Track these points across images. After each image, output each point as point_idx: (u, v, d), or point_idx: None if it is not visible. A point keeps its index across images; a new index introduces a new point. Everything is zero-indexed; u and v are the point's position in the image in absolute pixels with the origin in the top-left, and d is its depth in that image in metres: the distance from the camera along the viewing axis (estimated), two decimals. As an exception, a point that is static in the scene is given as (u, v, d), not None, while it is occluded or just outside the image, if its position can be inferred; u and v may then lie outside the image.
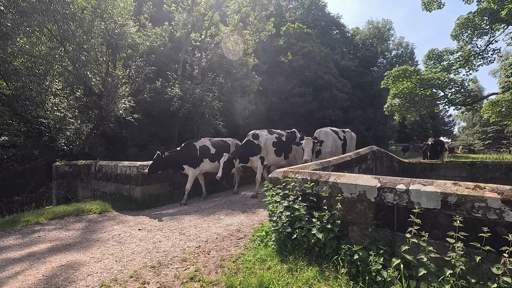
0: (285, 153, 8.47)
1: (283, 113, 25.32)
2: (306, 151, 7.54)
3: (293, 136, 8.84)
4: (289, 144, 8.61)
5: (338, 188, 3.63)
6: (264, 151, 8.05)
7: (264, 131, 8.39)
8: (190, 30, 16.25)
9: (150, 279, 3.37)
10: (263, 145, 8.02)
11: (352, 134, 9.92)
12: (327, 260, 3.40)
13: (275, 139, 8.30)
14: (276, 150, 8.20)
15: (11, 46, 9.59)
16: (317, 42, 31.90)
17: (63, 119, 11.08)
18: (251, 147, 7.99)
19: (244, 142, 8.16)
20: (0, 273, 3.66)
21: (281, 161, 8.43)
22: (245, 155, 7.99)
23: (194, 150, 7.99)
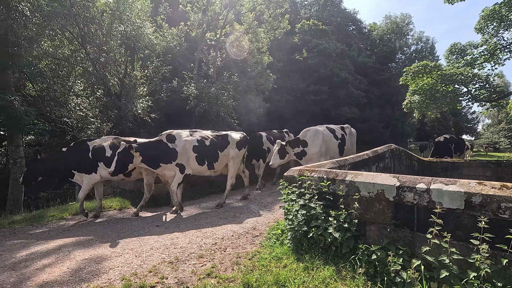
0: (208, 162, 6.79)
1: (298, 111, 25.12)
2: (273, 154, 7.34)
3: (222, 141, 7.08)
4: (214, 150, 6.86)
5: (355, 187, 3.57)
6: (182, 157, 6.42)
7: (185, 131, 6.78)
8: (205, 29, 16.41)
9: (168, 274, 3.45)
10: (180, 149, 6.41)
11: (352, 130, 9.22)
12: (344, 259, 3.36)
13: (197, 142, 6.65)
14: (197, 157, 6.59)
15: (36, 49, 10.04)
16: (333, 38, 31.38)
17: (85, 119, 11.49)
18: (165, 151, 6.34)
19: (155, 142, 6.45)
20: (30, 265, 3.86)
21: (205, 171, 6.87)
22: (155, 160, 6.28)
23: (85, 151, 6.40)
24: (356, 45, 36.80)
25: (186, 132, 6.74)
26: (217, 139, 7.04)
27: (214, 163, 6.89)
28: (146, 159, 6.14)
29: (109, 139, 6.78)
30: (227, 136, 7.24)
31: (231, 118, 15.00)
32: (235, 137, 7.34)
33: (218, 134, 7.20)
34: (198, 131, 6.98)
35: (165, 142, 6.37)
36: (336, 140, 8.05)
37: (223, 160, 7.07)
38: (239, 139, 7.38)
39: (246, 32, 17.78)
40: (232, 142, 7.17)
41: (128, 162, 5.92)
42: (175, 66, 15.93)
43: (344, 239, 3.39)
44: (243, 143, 7.42)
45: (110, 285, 3.20)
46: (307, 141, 7.53)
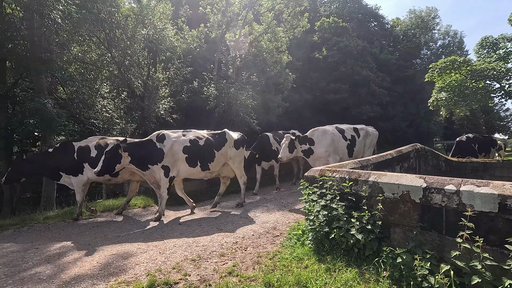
0: (202, 163, 6.42)
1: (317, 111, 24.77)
2: (282, 147, 7.26)
3: (219, 140, 6.71)
4: (209, 149, 6.49)
5: (378, 187, 3.48)
6: (169, 159, 6.07)
7: (178, 131, 6.52)
8: (224, 30, 16.57)
9: (191, 271, 3.53)
10: (167, 150, 6.05)
11: (369, 130, 8.81)
12: (367, 262, 3.29)
13: (189, 142, 6.29)
14: (188, 158, 6.23)
15: (66, 55, 10.60)
16: (354, 35, 30.64)
17: (111, 120, 11.98)
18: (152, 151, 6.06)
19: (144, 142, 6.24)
20: (63, 258, 4.10)
21: (198, 173, 6.52)
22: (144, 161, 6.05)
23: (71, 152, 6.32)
24: (378, 42, 35.73)
25: (178, 132, 6.42)
26: (213, 138, 6.64)
27: (209, 164, 6.47)
28: (135, 159, 5.86)
29: (95, 139, 6.66)
30: (225, 134, 6.83)
31: (250, 118, 15.07)
32: (233, 135, 6.97)
33: (214, 133, 6.82)
34: (193, 131, 6.61)
35: (154, 142, 6.06)
36: (345, 141, 7.91)
37: (220, 160, 6.63)
38: (237, 137, 7.01)
39: (265, 32, 17.77)
40: (229, 141, 6.79)
41: (116, 162, 5.63)
42: (196, 67, 16.23)
43: (367, 241, 3.32)
44: (241, 142, 7.04)
45: (137, 280, 3.32)
46: (314, 140, 7.52)
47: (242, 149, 7.06)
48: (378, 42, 35.63)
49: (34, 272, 3.65)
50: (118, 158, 5.65)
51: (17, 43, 9.13)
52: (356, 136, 8.27)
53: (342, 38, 28.35)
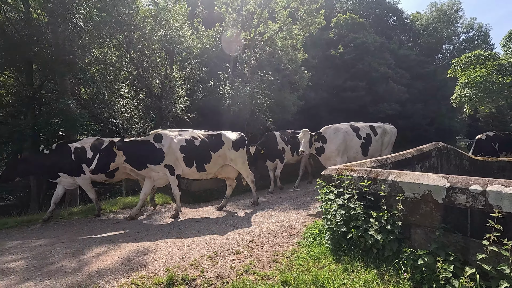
0: (198, 164, 6.34)
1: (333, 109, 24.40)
2: (302, 142, 7.11)
3: (216, 141, 6.58)
4: (205, 150, 6.40)
5: (398, 187, 3.39)
6: (170, 157, 6.11)
7: (174, 131, 6.50)
8: (240, 29, 16.63)
9: (208, 268, 3.58)
10: (167, 149, 6.08)
11: (387, 128, 8.44)
12: (386, 263, 3.22)
13: (185, 142, 6.26)
14: (185, 157, 6.23)
15: (88, 57, 10.97)
16: (371, 31, 29.91)
17: (130, 119, 12.31)
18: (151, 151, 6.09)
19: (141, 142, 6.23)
20: (86, 253, 4.27)
21: (194, 173, 6.48)
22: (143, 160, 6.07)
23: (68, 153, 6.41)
24: (397, 37, 34.72)
25: (174, 131, 6.40)
26: (209, 139, 6.50)
27: (205, 165, 6.37)
28: (130, 158, 5.88)
29: (91, 140, 6.75)
30: (221, 136, 6.64)
31: (266, 116, 15.05)
32: (230, 136, 6.75)
33: (210, 134, 6.68)
34: (189, 131, 6.55)
35: (151, 142, 6.06)
36: (359, 140, 7.65)
37: (217, 162, 6.51)
38: (235, 138, 6.80)
39: (280, 30, 17.67)
40: (227, 142, 6.62)
41: (110, 160, 5.69)
42: (211, 67, 16.39)
43: (386, 242, 3.24)
44: (240, 142, 6.84)
45: (156, 275, 3.41)
46: (326, 138, 7.37)
47: (243, 149, 6.89)
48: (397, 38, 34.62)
49: (60, 265, 3.83)
50: (112, 157, 5.72)
51: (42, 46, 9.53)
52: (373, 134, 7.96)
53: (359, 34, 27.75)
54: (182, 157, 6.15)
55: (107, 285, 3.22)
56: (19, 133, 8.56)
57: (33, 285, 3.31)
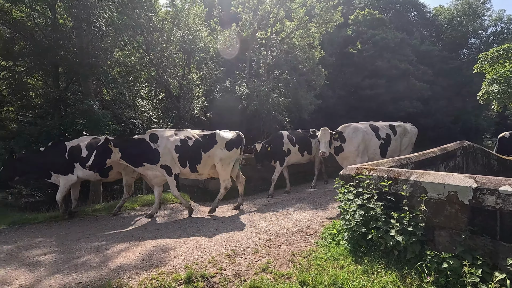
0: (190, 164, 6.28)
1: (351, 107, 23.94)
2: (323, 143, 6.71)
3: (209, 141, 6.44)
4: (196, 151, 6.30)
5: (421, 187, 3.28)
6: (166, 157, 6.10)
7: (170, 131, 6.44)
8: (256, 29, 16.65)
9: (226, 266, 3.62)
10: (162, 149, 6.06)
11: (408, 128, 8.08)
12: (408, 265, 3.12)
13: (180, 142, 6.21)
14: (179, 158, 6.19)
15: (110, 59, 11.38)
16: (391, 27, 29.03)
17: (149, 119, 12.65)
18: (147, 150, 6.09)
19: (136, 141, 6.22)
20: (109, 248, 4.43)
21: (188, 174, 6.46)
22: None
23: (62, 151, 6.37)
24: (418, 33, 33.52)
25: (170, 131, 6.39)
26: (203, 139, 6.42)
27: (196, 166, 6.30)
28: (126, 156, 5.94)
29: (87, 139, 6.69)
30: (215, 135, 6.51)
31: (282, 116, 15.01)
32: (225, 136, 6.57)
33: (205, 134, 6.57)
34: (185, 131, 6.51)
35: (147, 142, 6.07)
36: (378, 140, 7.31)
37: (207, 162, 6.40)
38: (230, 138, 6.59)
39: (297, 28, 17.54)
40: (220, 142, 6.45)
41: (106, 157, 5.75)
42: (228, 67, 16.53)
43: (408, 244, 3.14)
44: (235, 142, 6.60)
45: (175, 272, 3.48)
46: (345, 137, 7.07)
47: (237, 149, 6.64)
48: (418, 33, 33.42)
49: (85, 260, 4.00)
50: (108, 153, 5.77)
51: (68, 50, 9.98)
52: (392, 134, 7.62)
53: (378, 30, 27.03)
54: (177, 157, 6.15)
55: (129, 280, 3.33)
56: (46, 133, 9.00)
57: (61, 277, 3.48)
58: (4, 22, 9.70)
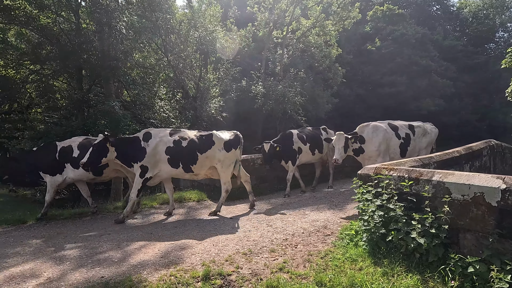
0: (184, 165, 6.14)
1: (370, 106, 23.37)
2: (336, 149, 6.40)
3: (205, 142, 6.31)
4: (191, 151, 6.16)
5: (444, 188, 3.15)
6: (150, 159, 5.93)
7: (166, 130, 6.37)
8: (272, 28, 16.62)
9: (243, 265, 3.63)
10: (150, 150, 5.93)
11: (427, 128, 7.77)
12: (430, 268, 3.01)
13: (172, 143, 6.09)
14: (169, 159, 6.05)
15: (130, 61, 11.73)
16: (412, 23, 28.07)
17: (167, 120, 12.92)
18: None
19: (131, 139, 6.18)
20: (130, 245, 4.56)
21: (182, 174, 6.35)
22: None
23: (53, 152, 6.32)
24: (441, 27, 32.22)
25: (166, 131, 6.30)
26: (199, 139, 6.28)
27: (191, 166, 6.17)
28: (121, 155, 5.90)
29: (79, 139, 6.67)
30: (211, 136, 6.37)
31: (298, 115, 14.90)
32: (222, 137, 6.44)
33: (201, 134, 6.43)
34: (182, 131, 6.42)
35: (139, 140, 5.99)
36: (398, 140, 7.06)
37: (204, 163, 6.27)
38: (228, 139, 6.47)
39: (313, 26, 17.35)
40: (218, 143, 6.31)
41: (102, 155, 5.70)
42: (244, 67, 16.59)
43: (431, 246, 3.03)
44: (233, 143, 6.48)
45: (193, 269, 3.54)
46: (364, 137, 6.80)
47: (235, 150, 6.51)
48: (441, 28, 32.14)
49: (107, 255, 4.14)
50: (105, 152, 5.73)
51: (91, 53, 10.38)
52: (411, 134, 7.38)
53: (398, 26, 26.23)
54: (167, 159, 6.02)
55: (148, 276, 3.42)
56: (71, 134, 9.39)
57: (85, 271, 3.63)
58: (32, 28, 10.22)
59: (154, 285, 3.16)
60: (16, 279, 3.49)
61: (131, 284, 3.19)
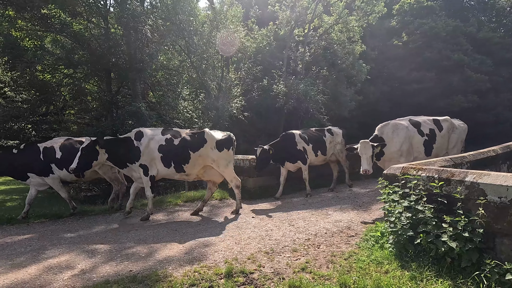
0: (176, 164, 6.03)
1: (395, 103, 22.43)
2: (364, 158, 5.81)
3: (197, 140, 6.12)
4: (183, 150, 6.01)
5: (479, 189, 2.97)
6: (146, 157, 5.90)
7: (158, 129, 6.31)
8: (293, 26, 16.46)
9: (265, 263, 3.64)
10: (143, 148, 5.88)
11: (456, 124, 7.06)
12: (463, 274, 2.86)
13: (164, 141, 5.98)
14: (162, 157, 5.97)
15: (155, 63, 12.13)
16: (442, 15, 26.57)
17: (190, 120, 13.23)
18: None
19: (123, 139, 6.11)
20: (156, 241, 4.73)
21: (173, 174, 6.22)
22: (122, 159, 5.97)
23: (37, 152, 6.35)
24: (475, 19, 30.22)
25: (157, 130, 6.23)
26: (191, 137, 6.14)
27: (183, 166, 6.03)
28: (113, 157, 5.83)
29: (61, 140, 6.66)
30: (203, 134, 6.20)
31: (321, 113, 14.65)
32: (214, 135, 6.26)
33: (193, 132, 6.30)
34: (175, 130, 6.32)
35: (132, 140, 5.92)
36: (422, 137, 6.47)
37: (197, 162, 6.12)
38: (220, 138, 6.27)
39: (336, 23, 16.99)
40: (210, 142, 6.14)
41: (93, 159, 5.62)
42: (265, 66, 16.55)
43: (463, 251, 2.87)
44: (225, 143, 6.27)
45: (216, 266, 3.60)
46: (384, 138, 6.29)
47: (228, 150, 6.28)
48: (475, 19, 30.18)
49: (135, 250, 4.32)
50: (95, 155, 5.64)
51: (118, 57, 10.86)
52: (437, 129, 6.71)
53: (427, 19, 24.98)
54: (160, 157, 5.94)
55: (173, 271, 3.52)
56: (101, 134, 9.90)
57: (115, 264, 3.81)
58: (66, 35, 10.87)
59: (179, 281, 3.25)
60: (53, 269, 3.74)
61: (157, 279, 3.30)
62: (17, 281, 3.44)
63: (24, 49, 10.86)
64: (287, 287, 3.03)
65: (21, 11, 9.83)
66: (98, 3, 10.77)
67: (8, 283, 3.39)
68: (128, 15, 9.89)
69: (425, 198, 3.41)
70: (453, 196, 3.17)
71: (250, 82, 15.81)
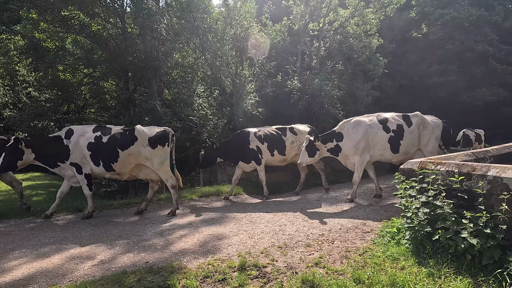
0: (104, 163, 5.82)
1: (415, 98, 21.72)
2: (302, 151, 6.09)
3: (127, 137, 5.85)
4: (111, 148, 5.76)
5: (502, 184, 2.84)
6: (76, 155, 5.71)
7: (90, 127, 6.06)
8: (307, 21, 16.22)
9: (278, 258, 3.65)
10: (72, 146, 5.68)
11: (428, 119, 6.63)
12: (484, 272, 2.75)
13: (94, 139, 5.75)
14: (91, 156, 5.77)
15: (170, 61, 12.32)
16: (464, 4, 25.35)
17: (205, 116, 13.36)
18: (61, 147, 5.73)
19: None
20: (171, 234, 4.84)
21: (104, 173, 6.01)
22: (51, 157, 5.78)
23: None
24: (501, 7, 28.62)
25: (89, 127, 6.01)
26: (121, 135, 5.86)
27: (112, 164, 5.79)
28: (40, 156, 5.65)
29: None
30: (133, 131, 5.90)
31: (336, 109, 14.40)
32: (146, 131, 5.94)
33: (125, 129, 6.03)
34: (107, 127, 6.06)
35: (61, 138, 5.74)
36: (386, 133, 6.24)
37: (128, 161, 5.86)
38: (153, 134, 5.94)
39: (352, 16, 16.59)
40: (141, 139, 5.82)
41: (17, 158, 5.41)
42: (279, 61, 16.43)
43: (485, 248, 2.76)
44: (159, 139, 5.95)
45: (230, 259, 3.65)
46: (343, 134, 6.25)
47: (163, 147, 5.98)
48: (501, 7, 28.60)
49: (151, 243, 4.44)
50: (20, 154, 5.44)
51: (135, 56, 11.11)
52: (406, 125, 6.37)
53: (448, 9, 23.93)
54: (89, 155, 5.77)
55: (188, 263, 3.60)
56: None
57: (132, 256, 3.94)
58: (85, 35, 11.22)
59: (193, 272, 3.32)
60: (75, 259, 3.91)
61: (172, 270, 3.38)
62: (42, 270, 3.62)
63: (46, 50, 11.30)
64: (300, 281, 3.02)
65: (43, 14, 10.24)
66: (115, 3, 11.03)
67: (33, 271, 3.58)
68: (144, 14, 10.08)
69: (444, 193, 3.30)
70: (474, 191, 3.04)
71: (264, 78, 15.76)
